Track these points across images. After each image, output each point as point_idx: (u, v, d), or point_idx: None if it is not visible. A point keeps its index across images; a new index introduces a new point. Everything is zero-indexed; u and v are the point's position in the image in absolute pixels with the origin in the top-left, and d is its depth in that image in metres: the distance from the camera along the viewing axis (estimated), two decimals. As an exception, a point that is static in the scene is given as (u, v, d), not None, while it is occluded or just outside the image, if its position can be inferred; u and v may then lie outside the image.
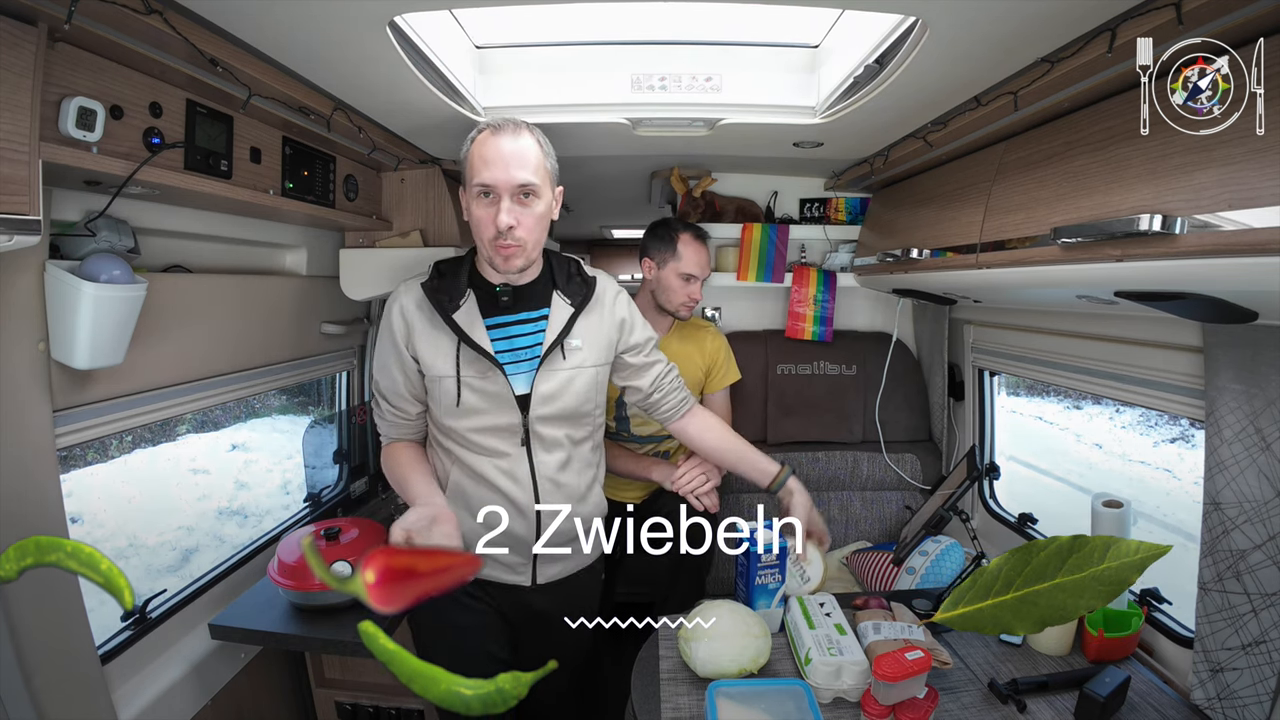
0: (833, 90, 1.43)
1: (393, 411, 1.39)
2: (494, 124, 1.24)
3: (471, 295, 1.32)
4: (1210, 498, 1.18)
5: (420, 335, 1.30)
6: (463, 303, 1.30)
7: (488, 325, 1.30)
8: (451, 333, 1.28)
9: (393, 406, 1.38)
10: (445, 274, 1.33)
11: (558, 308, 1.35)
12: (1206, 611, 1.18)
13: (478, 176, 1.22)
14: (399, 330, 1.31)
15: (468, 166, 1.25)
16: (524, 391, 1.31)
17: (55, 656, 1.17)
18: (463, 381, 1.28)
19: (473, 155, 1.23)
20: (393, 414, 1.39)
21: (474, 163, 1.23)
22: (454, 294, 1.30)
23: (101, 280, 1.15)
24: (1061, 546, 1.10)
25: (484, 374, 1.29)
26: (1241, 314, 1.00)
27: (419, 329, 1.30)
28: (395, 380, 1.35)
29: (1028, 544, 1.15)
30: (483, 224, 1.23)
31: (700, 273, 1.90)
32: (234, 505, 2.25)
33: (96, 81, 1.06)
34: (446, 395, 1.30)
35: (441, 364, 1.29)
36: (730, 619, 1.29)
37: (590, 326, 1.37)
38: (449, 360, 1.29)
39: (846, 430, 2.26)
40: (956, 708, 1.21)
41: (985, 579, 1.20)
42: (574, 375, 1.34)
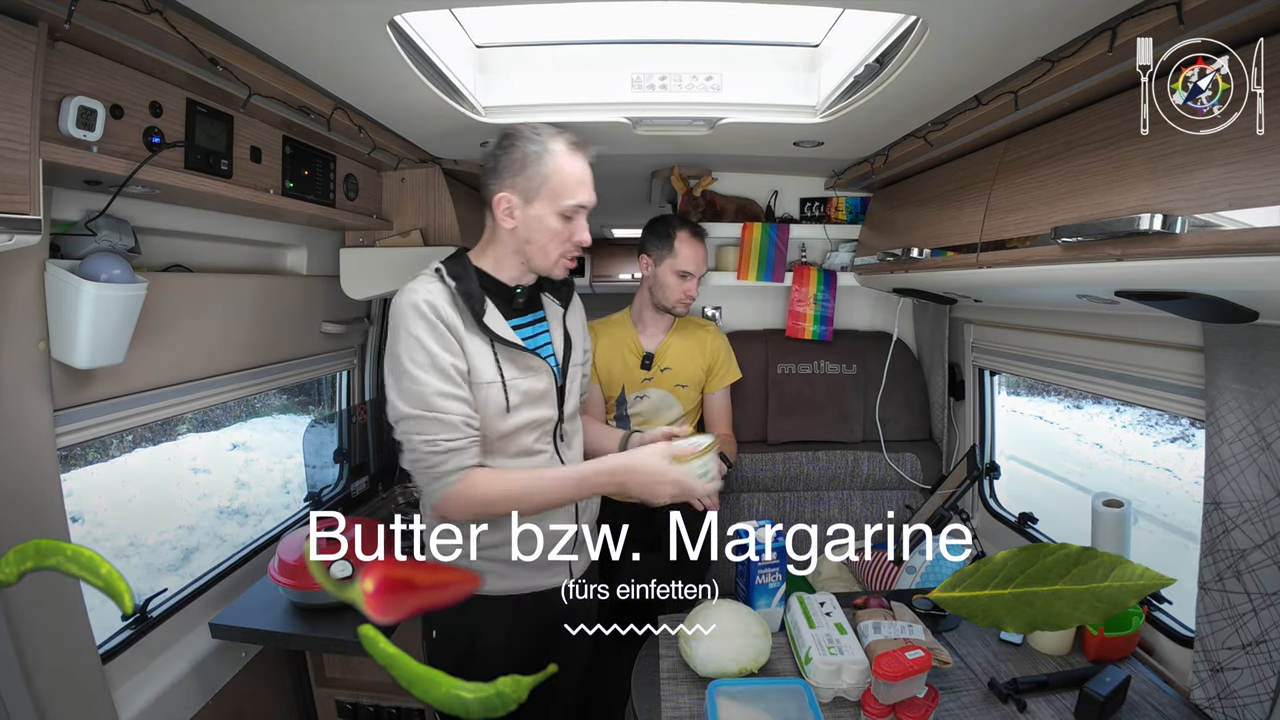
0: (833, 89, 1.43)
1: (466, 421, 1.19)
2: (571, 140, 1.23)
3: (488, 299, 1.27)
4: (1210, 497, 1.18)
5: (464, 335, 1.20)
6: (486, 306, 1.25)
7: (511, 326, 1.29)
8: (485, 336, 1.22)
9: (464, 415, 1.19)
10: (460, 277, 1.23)
11: (550, 309, 1.39)
12: (1207, 611, 1.18)
13: (574, 197, 1.22)
14: (441, 325, 1.17)
15: (545, 179, 1.20)
16: (560, 385, 1.33)
17: (56, 656, 1.18)
18: (508, 384, 1.24)
19: (560, 170, 1.20)
20: (466, 424, 1.18)
21: (563, 181, 1.20)
22: (476, 297, 1.24)
23: (102, 280, 1.15)
24: (1069, 555, 1.10)
25: (525, 372, 1.27)
26: (1242, 313, 1.00)
27: (460, 328, 1.20)
28: (458, 381, 1.18)
29: (1036, 545, 1.15)
30: (558, 236, 1.24)
31: (696, 270, 1.90)
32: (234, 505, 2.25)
33: (97, 81, 1.06)
34: (493, 402, 1.23)
35: (485, 369, 1.22)
36: (730, 619, 1.29)
37: (576, 326, 1.43)
38: (491, 365, 1.23)
39: (847, 430, 2.26)
40: (957, 707, 1.21)
41: (988, 569, 1.19)
42: (578, 370, 1.41)
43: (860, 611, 1.40)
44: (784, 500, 2.21)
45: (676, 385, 1.96)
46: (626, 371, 1.95)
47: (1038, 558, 1.12)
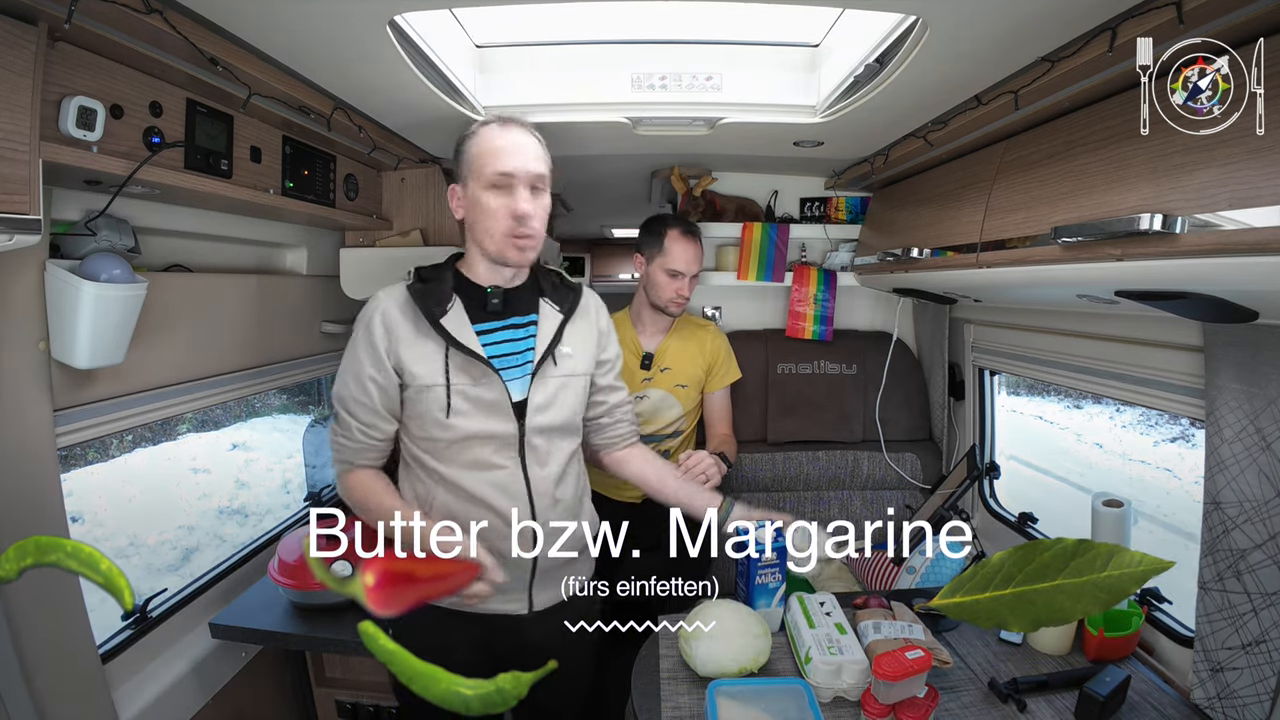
0: (833, 89, 1.43)
1: (363, 430, 1.24)
2: (500, 118, 1.22)
3: (458, 300, 1.25)
4: (1210, 497, 1.18)
5: (404, 343, 1.21)
6: (449, 308, 1.23)
7: (477, 331, 1.24)
8: (439, 339, 1.21)
9: (363, 424, 1.24)
10: (428, 279, 1.26)
11: (546, 315, 1.30)
12: (1207, 611, 1.18)
13: (493, 165, 1.17)
14: (380, 338, 1.21)
15: (473, 158, 1.19)
16: (520, 398, 1.25)
17: (56, 656, 1.17)
18: (453, 389, 1.21)
19: (480, 146, 1.19)
20: (363, 433, 1.25)
21: (483, 153, 1.19)
22: (440, 299, 1.23)
23: (102, 280, 1.15)
24: (1066, 549, 1.10)
25: (477, 380, 1.22)
26: (1242, 313, 1.00)
27: (403, 336, 1.22)
28: (370, 394, 1.23)
29: (1032, 543, 1.15)
30: (497, 214, 1.18)
31: (687, 269, 1.89)
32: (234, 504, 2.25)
33: (96, 81, 1.06)
34: (434, 405, 1.21)
35: (428, 373, 1.21)
36: (730, 619, 1.29)
37: (578, 334, 1.33)
38: (437, 368, 1.21)
39: (847, 429, 2.26)
40: (957, 707, 1.21)
41: (986, 571, 1.19)
42: (565, 383, 1.30)
43: (860, 611, 1.40)
44: (784, 500, 2.21)
45: (676, 385, 1.96)
46: (626, 372, 1.94)
47: (1035, 555, 1.12)
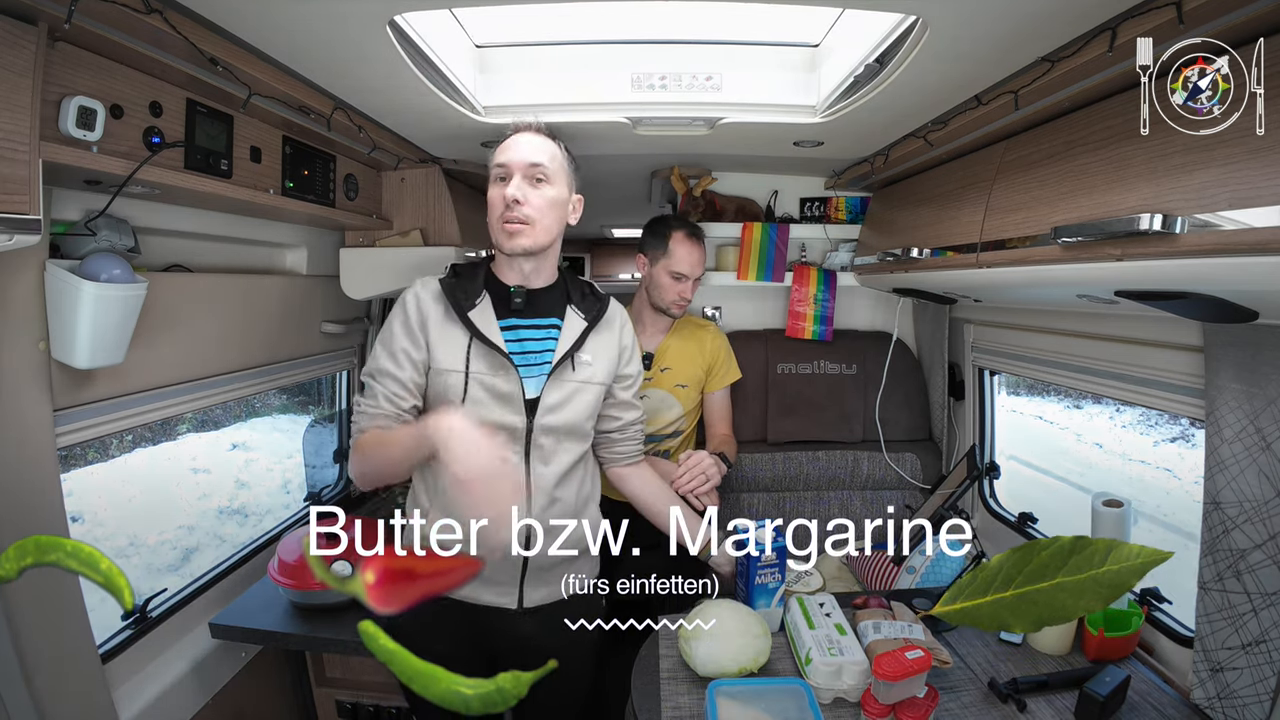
0: (833, 89, 1.43)
1: (389, 397, 1.28)
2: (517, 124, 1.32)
3: (487, 296, 1.32)
4: (1210, 497, 1.18)
5: (434, 326, 1.29)
6: (478, 302, 1.30)
7: (501, 327, 1.30)
8: (464, 329, 1.28)
9: (390, 392, 1.28)
10: (462, 274, 1.34)
11: (571, 320, 1.34)
12: (1206, 611, 1.18)
13: (494, 161, 1.27)
14: (414, 316, 1.29)
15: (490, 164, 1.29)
16: (533, 396, 1.29)
17: (56, 656, 1.18)
18: (471, 377, 1.27)
19: (497, 152, 1.29)
20: (389, 399, 1.28)
21: (496, 156, 1.29)
22: (470, 293, 1.30)
23: (102, 279, 1.15)
24: (1063, 547, 1.10)
25: (495, 371, 1.28)
26: (1242, 313, 1.00)
27: (433, 320, 1.29)
28: (402, 365, 1.28)
29: (1029, 543, 1.15)
30: (493, 203, 1.27)
31: (691, 272, 1.89)
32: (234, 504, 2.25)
33: (96, 81, 1.06)
34: (451, 390, 1.27)
35: (450, 358, 1.28)
36: (730, 619, 1.29)
37: (600, 344, 1.37)
38: (459, 356, 1.27)
39: (847, 429, 2.26)
40: (956, 707, 1.21)
41: (985, 575, 1.20)
42: (580, 389, 1.33)
43: (860, 611, 1.40)
44: (784, 500, 2.21)
45: (676, 385, 1.96)
46: (626, 371, 1.95)
47: (1033, 555, 1.12)
